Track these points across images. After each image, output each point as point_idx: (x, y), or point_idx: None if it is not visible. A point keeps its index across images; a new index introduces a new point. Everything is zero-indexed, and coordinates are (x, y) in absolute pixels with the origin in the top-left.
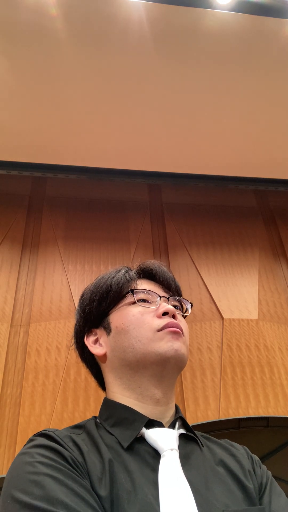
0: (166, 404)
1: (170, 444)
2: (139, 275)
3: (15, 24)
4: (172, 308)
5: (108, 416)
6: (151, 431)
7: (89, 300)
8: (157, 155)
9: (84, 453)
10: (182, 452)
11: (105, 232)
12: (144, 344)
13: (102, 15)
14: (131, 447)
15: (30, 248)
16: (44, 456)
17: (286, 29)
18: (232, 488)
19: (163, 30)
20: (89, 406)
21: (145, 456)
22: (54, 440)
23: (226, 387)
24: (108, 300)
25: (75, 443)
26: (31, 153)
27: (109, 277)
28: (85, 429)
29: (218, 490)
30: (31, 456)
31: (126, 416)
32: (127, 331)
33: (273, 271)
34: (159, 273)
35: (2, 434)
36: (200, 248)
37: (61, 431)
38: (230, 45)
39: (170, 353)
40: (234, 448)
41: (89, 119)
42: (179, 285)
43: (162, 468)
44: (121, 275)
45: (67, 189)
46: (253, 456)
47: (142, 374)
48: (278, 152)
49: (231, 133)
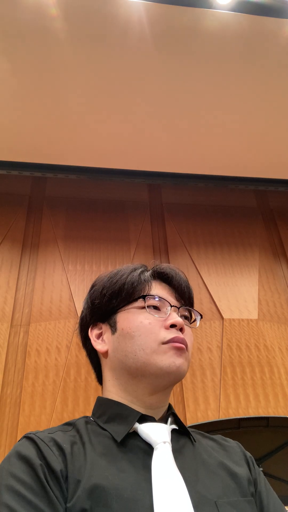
0: (158, 408)
1: (162, 437)
2: (154, 277)
3: (15, 24)
4: (181, 321)
5: (102, 413)
6: (144, 425)
7: (100, 294)
8: (157, 155)
9: (67, 454)
10: (174, 446)
11: (105, 232)
12: (146, 354)
13: (102, 15)
14: (124, 443)
15: (30, 248)
16: (14, 478)
17: (286, 29)
18: (224, 479)
19: (163, 30)
20: (89, 406)
21: (137, 451)
22: (35, 444)
23: (226, 387)
24: (118, 299)
25: (58, 445)
26: (31, 153)
27: (124, 274)
28: (75, 426)
29: (210, 482)
30: (7, 473)
31: (119, 412)
32: (132, 337)
33: (273, 271)
34: (175, 279)
35: (2, 434)
36: (200, 248)
37: (48, 430)
38: (230, 45)
39: (171, 369)
40: (227, 443)
41: (89, 119)
42: (192, 293)
43: (155, 461)
44: (136, 275)
45: (67, 189)
46: (246, 452)
47: (140, 381)
48: (278, 152)
49: (231, 133)
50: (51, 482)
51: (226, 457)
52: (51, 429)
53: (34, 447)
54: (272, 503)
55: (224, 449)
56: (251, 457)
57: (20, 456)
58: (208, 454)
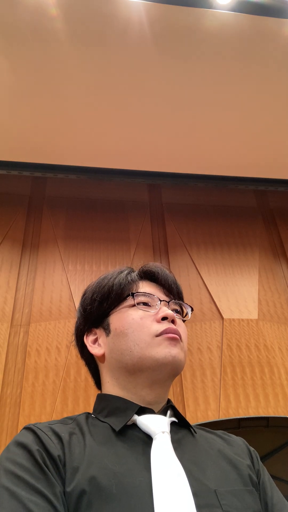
0: (157, 404)
1: (161, 428)
2: (141, 277)
3: (15, 24)
4: (172, 313)
5: (102, 408)
6: (142, 417)
7: (90, 300)
8: (157, 155)
9: (65, 442)
10: (173, 437)
11: (105, 232)
12: (141, 348)
13: (102, 15)
14: (123, 433)
15: (30, 248)
16: (12, 462)
17: (286, 29)
18: (225, 469)
19: (163, 30)
20: (89, 406)
21: (137, 440)
22: (33, 433)
23: (226, 387)
24: (109, 301)
25: (56, 434)
26: (31, 153)
27: (111, 277)
28: (75, 420)
29: (210, 471)
30: (5, 459)
31: (118, 405)
32: (125, 334)
33: (273, 271)
34: (161, 276)
35: (2, 434)
36: (200, 248)
37: (48, 422)
38: (230, 45)
39: (168, 359)
40: (231, 438)
41: (89, 119)
42: (180, 288)
43: (154, 450)
44: (123, 276)
45: (67, 189)
46: (250, 447)
47: (138, 376)
48: (278, 152)
49: (231, 133)
50: (50, 467)
51: (229, 449)
52: (52, 421)
53: (33, 434)
54: (276, 495)
55: (227, 442)
56: (255, 451)
57: (18, 443)
58: (209, 445)
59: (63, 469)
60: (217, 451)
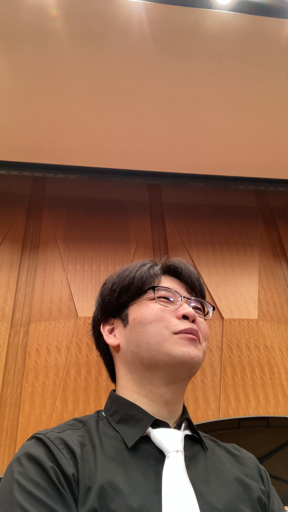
0: (174, 405)
1: (175, 446)
2: (163, 272)
3: (15, 24)
4: (193, 313)
5: (114, 412)
6: (156, 431)
7: (110, 290)
8: (157, 155)
9: (78, 458)
10: (187, 453)
11: (105, 232)
12: (159, 341)
13: (102, 15)
14: (136, 447)
15: (30, 248)
16: (26, 478)
17: (286, 29)
18: (235, 490)
19: (163, 30)
20: (89, 406)
21: (149, 457)
22: (45, 446)
23: (226, 387)
24: (129, 293)
25: (69, 447)
26: (31, 153)
27: (133, 269)
28: (86, 425)
29: (221, 492)
30: (18, 473)
31: (132, 414)
32: (143, 325)
33: (273, 271)
34: (185, 272)
35: (2, 434)
36: (200, 248)
37: (58, 428)
38: (230, 45)
39: (185, 359)
40: (241, 454)
41: (89, 119)
42: (203, 286)
43: (166, 470)
44: (145, 269)
45: (67, 189)
46: (260, 466)
47: (154, 372)
48: (278, 152)
49: (231, 133)
50: (65, 485)
51: (239, 469)
52: (61, 427)
53: (44, 449)
54: None
55: (238, 461)
56: (266, 471)
57: (30, 457)
58: (221, 464)
59: (76, 487)
60: (229, 471)
